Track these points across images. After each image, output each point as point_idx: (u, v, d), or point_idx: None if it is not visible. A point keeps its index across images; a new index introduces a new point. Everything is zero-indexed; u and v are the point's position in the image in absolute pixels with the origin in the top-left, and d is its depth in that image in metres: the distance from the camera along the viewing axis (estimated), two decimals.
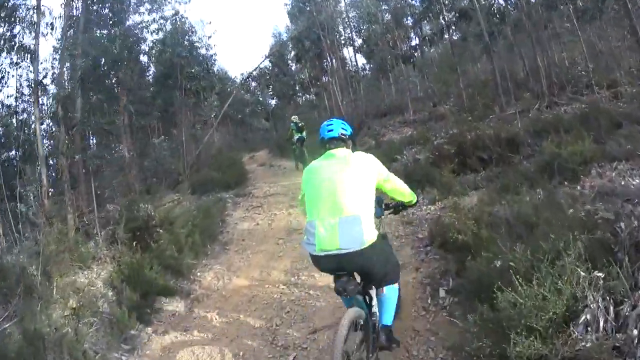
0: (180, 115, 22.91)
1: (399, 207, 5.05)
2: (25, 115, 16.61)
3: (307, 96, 40.00)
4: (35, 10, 13.16)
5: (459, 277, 5.94)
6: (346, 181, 4.03)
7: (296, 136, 19.52)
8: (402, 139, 17.95)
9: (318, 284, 7.34)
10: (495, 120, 15.38)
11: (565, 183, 8.02)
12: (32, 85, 13.92)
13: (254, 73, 34.48)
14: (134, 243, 8.85)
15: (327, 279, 6.36)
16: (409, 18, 28.91)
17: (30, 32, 14.50)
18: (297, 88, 38.06)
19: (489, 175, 10.16)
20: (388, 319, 4.48)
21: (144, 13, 21.82)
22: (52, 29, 14.78)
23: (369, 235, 3.91)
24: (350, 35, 31.88)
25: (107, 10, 19.08)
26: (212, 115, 26.53)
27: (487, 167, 10.70)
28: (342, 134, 4.42)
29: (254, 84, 44.43)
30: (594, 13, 18.80)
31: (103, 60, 17.04)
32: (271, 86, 41.93)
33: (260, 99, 48.94)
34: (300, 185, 4.47)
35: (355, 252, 3.87)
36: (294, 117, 21.42)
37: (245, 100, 46.62)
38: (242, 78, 36.69)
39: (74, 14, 15.78)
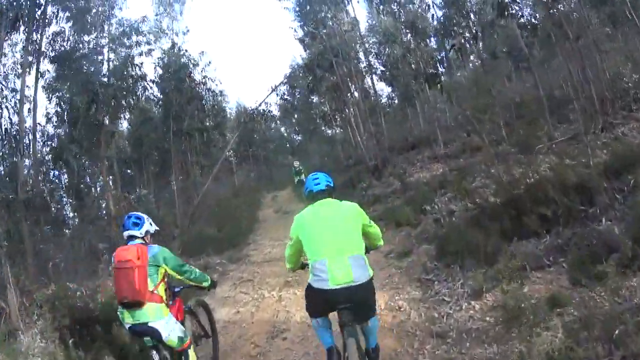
0: (176, 160, 20.20)
1: (367, 250, 4.79)
2: None
3: (331, 130, 36.84)
4: None
5: None
6: (345, 225, 4.43)
7: (296, 179, 22.07)
8: (433, 179, 14.96)
9: None
10: (544, 151, 12.17)
11: None
12: None
13: (262, 107, 31.00)
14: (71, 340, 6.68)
15: None
16: (432, 39, 25.96)
17: None
18: (319, 122, 34.74)
19: (557, 243, 6.80)
20: (374, 341, 4.73)
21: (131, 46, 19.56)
22: None
23: (370, 270, 4.37)
24: (370, 62, 28.90)
25: None
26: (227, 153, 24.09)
27: (553, 227, 7.26)
28: (327, 186, 4.75)
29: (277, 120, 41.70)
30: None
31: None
32: (294, 120, 38.89)
33: (285, 134, 47.54)
34: (291, 234, 4.67)
35: (363, 284, 4.21)
36: (295, 162, 24.00)
37: (268, 137, 45.18)
38: (246, 114, 33.02)
39: None
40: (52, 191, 18.98)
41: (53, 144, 19.38)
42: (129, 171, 26.86)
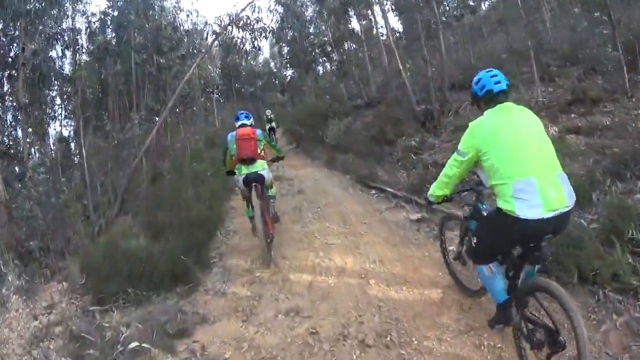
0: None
1: None
2: None
3: (329, 65, 29.32)
4: None
5: None
6: (543, 135, 3.43)
7: (268, 126, 20.30)
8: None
9: None
10: None
11: None
12: None
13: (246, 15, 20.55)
14: None
15: None
16: None
17: None
18: (317, 52, 26.76)
19: None
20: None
21: None
22: None
23: None
24: None
25: None
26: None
27: None
28: (507, 85, 3.59)
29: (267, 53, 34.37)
30: None
31: None
32: (284, 51, 31.67)
33: (274, 70, 41.87)
34: (465, 147, 3.54)
35: (570, 210, 3.22)
36: (267, 111, 22.13)
37: (255, 72, 39.27)
38: (221, 22, 22.07)
39: None
40: None
41: None
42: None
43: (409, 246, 6.42)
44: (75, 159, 14.58)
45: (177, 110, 20.08)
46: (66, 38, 14.86)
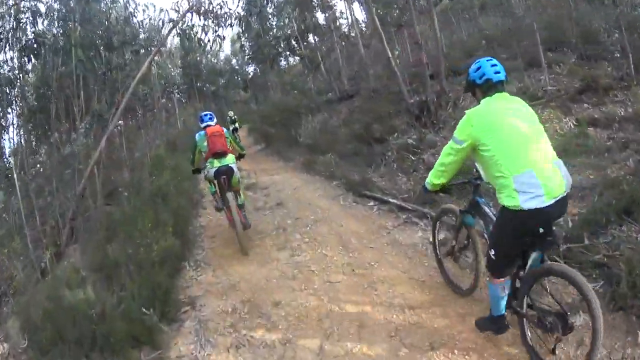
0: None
1: None
2: None
3: (293, 59, 28.47)
4: None
5: None
6: (539, 125, 3.37)
7: (231, 127, 18.84)
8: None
9: None
10: None
11: None
12: None
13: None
14: None
15: None
16: None
17: None
18: (282, 46, 25.47)
19: None
20: None
21: None
22: None
23: None
24: None
25: None
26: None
27: None
28: (505, 75, 3.47)
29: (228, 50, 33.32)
30: None
31: None
32: (246, 47, 31.29)
33: (237, 67, 40.40)
34: (463, 135, 3.39)
35: (567, 195, 3.25)
36: (230, 112, 21.18)
37: (217, 70, 38.08)
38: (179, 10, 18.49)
39: None
40: None
41: None
42: None
43: (441, 282, 4.87)
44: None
45: (139, 113, 18.89)
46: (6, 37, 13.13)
